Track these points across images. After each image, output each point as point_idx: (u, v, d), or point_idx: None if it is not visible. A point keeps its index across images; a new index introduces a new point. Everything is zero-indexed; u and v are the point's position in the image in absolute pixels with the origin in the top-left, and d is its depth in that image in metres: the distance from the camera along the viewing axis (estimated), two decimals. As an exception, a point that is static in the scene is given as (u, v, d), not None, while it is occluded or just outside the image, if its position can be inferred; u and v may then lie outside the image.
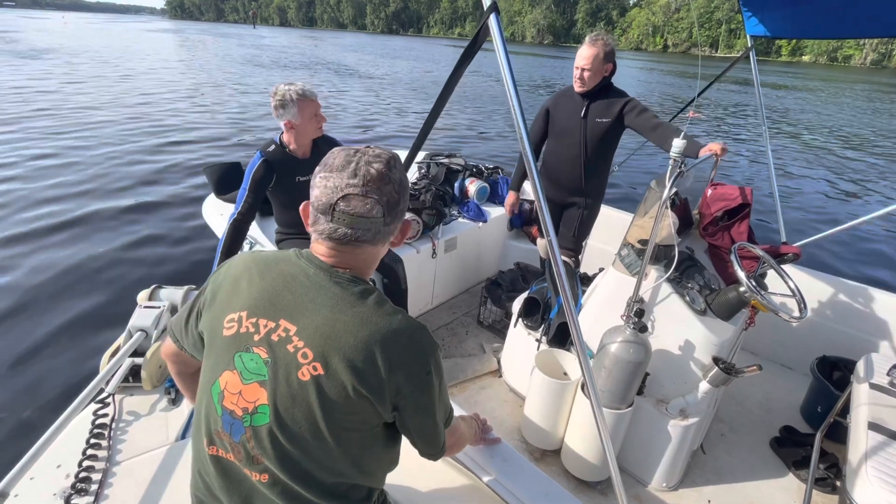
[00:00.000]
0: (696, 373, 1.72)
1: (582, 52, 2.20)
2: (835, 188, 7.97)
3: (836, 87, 31.28)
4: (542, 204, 0.99)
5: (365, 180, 0.76)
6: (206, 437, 0.81)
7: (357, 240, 0.79)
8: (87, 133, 7.54)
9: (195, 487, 0.86)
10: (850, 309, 2.45)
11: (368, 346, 0.74)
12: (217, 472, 0.81)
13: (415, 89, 16.80)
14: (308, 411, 0.74)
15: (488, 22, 0.96)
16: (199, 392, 0.84)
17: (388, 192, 0.78)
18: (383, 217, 0.78)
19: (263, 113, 10.22)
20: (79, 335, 2.94)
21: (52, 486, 1.18)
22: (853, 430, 1.65)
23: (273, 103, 1.95)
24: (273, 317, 0.77)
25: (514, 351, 2.31)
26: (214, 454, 0.81)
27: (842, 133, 13.53)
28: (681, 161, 1.53)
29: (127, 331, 1.60)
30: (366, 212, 0.76)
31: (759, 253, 1.74)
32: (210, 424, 0.80)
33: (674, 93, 20.34)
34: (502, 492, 1.23)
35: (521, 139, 0.99)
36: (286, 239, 2.36)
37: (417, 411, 0.82)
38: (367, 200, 0.76)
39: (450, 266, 3.00)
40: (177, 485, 1.24)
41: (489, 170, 3.55)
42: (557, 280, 1.01)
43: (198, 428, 0.83)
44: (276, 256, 0.84)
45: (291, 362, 0.74)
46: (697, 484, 1.90)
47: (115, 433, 1.36)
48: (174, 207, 4.97)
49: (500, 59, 0.95)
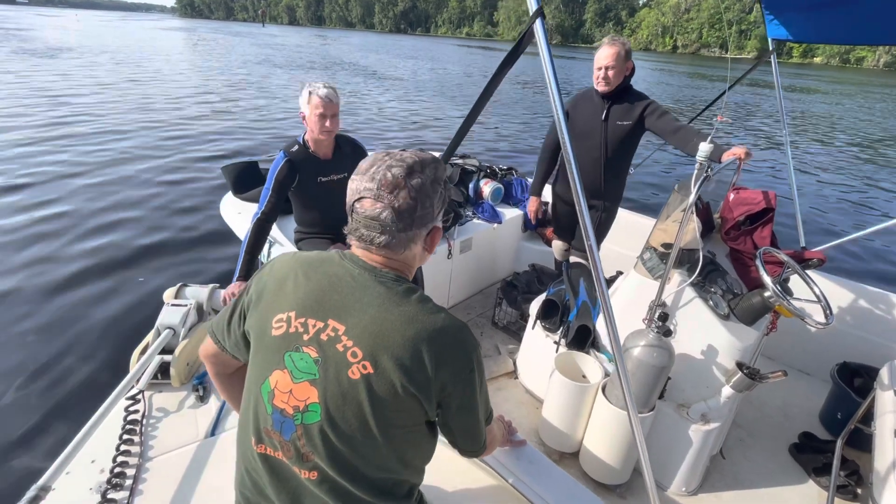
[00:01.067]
0: (718, 378, 1.71)
1: (603, 52, 2.20)
2: (853, 192, 7.88)
3: (850, 89, 30.90)
4: (584, 211, 0.99)
5: (379, 184, 0.77)
6: (255, 435, 0.82)
7: (372, 242, 0.80)
8: (110, 132, 7.62)
9: (241, 485, 0.87)
10: (871, 315, 2.42)
11: (415, 345, 0.75)
12: (265, 470, 0.82)
13: (441, 91, 16.62)
14: (358, 409, 0.75)
15: (534, 26, 0.96)
16: (245, 392, 0.85)
17: (402, 197, 0.77)
18: (394, 222, 0.78)
19: (285, 116, 10.21)
20: (106, 333, 2.99)
21: (88, 480, 1.21)
22: (878, 438, 1.63)
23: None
24: (321, 317, 0.78)
25: (531, 353, 2.32)
26: (263, 452, 0.82)
27: (859, 136, 13.37)
28: (707, 165, 1.53)
29: (155, 328, 1.63)
30: (375, 215, 0.78)
31: (785, 259, 1.73)
32: (259, 423, 0.82)
33: (688, 95, 20.18)
34: (529, 493, 1.23)
35: (563, 145, 0.98)
36: (305, 238, 2.38)
37: (461, 408, 0.83)
38: (378, 204, 0.77)
39: (465, 267, 3.00)
40: (208, 481, 1.25)
41: (503, 171, 3.55)
42: (597, 285, 1.02)
43: (245, 427, 0.85)
44: (319, 258, 0.86)
45: (341, 361, 0.76)
46: (717, 489, 1.89)
47: (146, 429, 1.38)
48: (196, 207, 5.03)
49: (545, 64, 0.95)
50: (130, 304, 3.28)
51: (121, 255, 3.90)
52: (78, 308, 3.21)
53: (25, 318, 3.03)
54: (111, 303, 3.29)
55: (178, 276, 3.63)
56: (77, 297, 3.33)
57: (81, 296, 3.35)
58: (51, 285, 3.42)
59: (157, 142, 7.34)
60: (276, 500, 0.82)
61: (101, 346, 2.86)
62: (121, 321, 3.10)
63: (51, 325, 3.02)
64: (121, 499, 1.17)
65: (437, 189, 0.82)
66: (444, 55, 38.75)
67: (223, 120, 9.35)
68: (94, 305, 3.25)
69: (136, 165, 6.13)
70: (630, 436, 1.70)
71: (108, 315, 3.15)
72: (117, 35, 31.16)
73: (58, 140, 7.02)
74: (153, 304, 1.72)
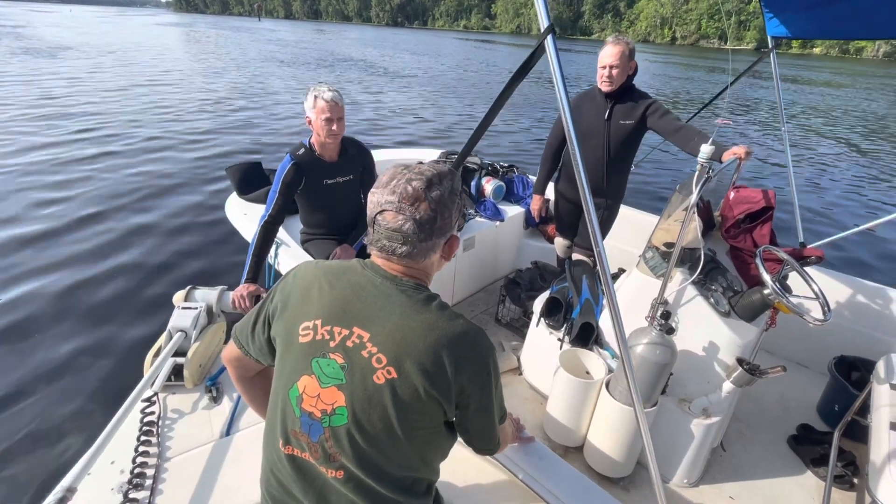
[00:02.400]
0: (719, 373, 1.75)
1: (608, 50, 2.22)
2: (852, 186, 7.89)
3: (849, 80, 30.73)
4: (591, 211, 1.01)
5: (401, 197, 0.80)
6: (282, 437, 0.86)
7: (394, 252, 0.83)
8: (119, 134, 7.56)
9: (268, 484, 0.91)
10: (867, 309, 2.46)
11: (436, 350, 0.79)
12: (292, 470, 0.86)
13: (450, 87, 16.33)
14: (383, 412, 0.79)
15: (545, 42, 0.99)
16: (273, 395, 0.89)
17: (423, 209, 0.81)
18: (416, 233, 0.81)
19: (294, 114, 10.13)
20: (118, 336, 3.03)
21: (110, 481, 1.24)
22: (875, 430, 1.68)
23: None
24: (346, 324, 0.82)
25: (535, 350, 2.35)
26: (290, 453, 0.86)
27: (857, 129, 13.34)
28: (708, 167, 1.56)
29: (167, 331, 1.66)
30: (398, 227, 0.81)
31: (784, 256, 1.76)
32: (287, 425, 0.85)
33: (687, 87, 20.06)
34: (538, 488, 1.28)
35: (574, 157, 1.01)
36: (311, 239, 2.41)
37: (478, 410, 0.87)
38: (399, 217, 0.81)
39: (468, 264, 3.04)
40: (226, 480, 1.29)
41: (504, 168, 3.57)
42: (604, 284, 1.05)
43: (272, 429, 0.88)
44: (341, 266, 0.89)
45: (367, 367, 0.79)
46: (717, 481, 1.94)
47: (162, 430, 1.42)
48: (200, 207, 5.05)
49: (556, 80, 0.98)
50: (141, 308, 3.31)
51: (128, 259, 3.92)
52: (90, 309, 3.25)
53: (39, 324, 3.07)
54: (121, 306, 3.32)
55: (187, 278, 3.66)
56: (88, 298, 3.37)
57: (92, 297, 3.38)
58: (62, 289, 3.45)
59: (156, 144, 7.30)
60: (302, 498, 0.86)
61: (114, 349, 2.89)
62: (132, 324, 3.13)
63: (63, 329, 3.05)
64: (142, 498, 1.21)
65: (455, 200, 0.86)
66: (449, 49, 38.12)
67: (230, 120, 9.24)
68: (105, 307, 3.28)
69: (136, 168, 6.12)
70: (633, 430, 1.75)
71: (119, 318, 3.18)
72: (113, 32, 30.36)
73: (60, 139, 7.01)
74: (165, 307, 1.74)
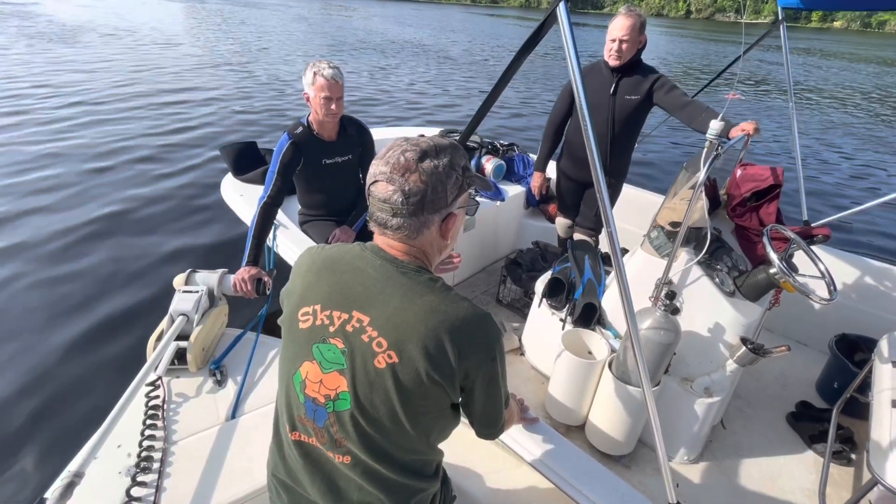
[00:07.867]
0: (723, 353, 1.76)
1: (618, 23, 2.15)
2: (859, 164, 7.81)
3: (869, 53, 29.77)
4: (603, 189, 0.98)
5: (392, 167, 0.78)
6: (289, 423, 0.85)
7: (386, 226, 0.80)
8: (121, 117, 7.30)
9: (275, 469, 0.91)
10: (869, 288, 2.46)
11: (438, 334, 0.77)
12: (300, 455, 0.86)
13: (457, 62, 15.59)
14: (385, 397, 0.78)
15: (557, 10, 0.93)
16: (279, 382, 0.88)
17: (413, 180, 0.77)
18: (404, 205, 0.78)
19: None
20: (119, 321, 3.00)
21: (117, 464, 1.24)
22: (876, 407, 1.69)
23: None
24: (346, 308, 0.80)
25: (537, 330, 2.36)
26: (297, 439, 0.85)
27: (872, 107, 13.08)
28: (717, 144, 1.52)
29: (169, 315, 1.64)
30: (386, 197, 0.78)
31: (791, 235, 1.74)
32: (293, 412, 0.85)
33: (701, 63, 19.44)
34: (542, 468, 1.29)
35: (587, 136, 0.97)
36: (310, 221, 2.38)
37: (483, 395, 0.86)
38: (389, 187, 0.78)
39: (469, 245, 3.01)
40: (233, 462, 1.30)
41: (505, 147, 3.51)
42: (615, 265, 1.03)
43: (280, 416, 0.88)
44: (342, 250, 0.87)
45: (367, 351, 0.78)
46: (717, 457, 1.97)
47: (167, 414, 1.42)
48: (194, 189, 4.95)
49: (568, 50, 0.93)
50: (141, 291, 3.28)
51: (126, 244, 3.85)
52: (87, 294, 3.21)
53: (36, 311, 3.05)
54: (122, 290, 3.29)
55: (186, 261, 3.63)
56: (87, 284, 3.33)
57: (92, 283, 3.34)
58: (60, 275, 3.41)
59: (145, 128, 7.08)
60: (310, 483, 0.86)
61: (115, 334, 2.87)
62: (133, 308, 3.11)
63: (60, 312, 3.03)
64: (150, 481, 1.21)
65: (453, 175, 0.81)
66: (456, 24, 36.27)
67: (250, 105, 8.70)
68: (106, 292, 3.25)
69: (133, 154, 5.97)
70: (635, 409, 1.76)
71: (119, 302, 3.15)
72: (124, 10, 27.52)
73: (59, 122, 6.82)
74: (164, 289, 1.71)
